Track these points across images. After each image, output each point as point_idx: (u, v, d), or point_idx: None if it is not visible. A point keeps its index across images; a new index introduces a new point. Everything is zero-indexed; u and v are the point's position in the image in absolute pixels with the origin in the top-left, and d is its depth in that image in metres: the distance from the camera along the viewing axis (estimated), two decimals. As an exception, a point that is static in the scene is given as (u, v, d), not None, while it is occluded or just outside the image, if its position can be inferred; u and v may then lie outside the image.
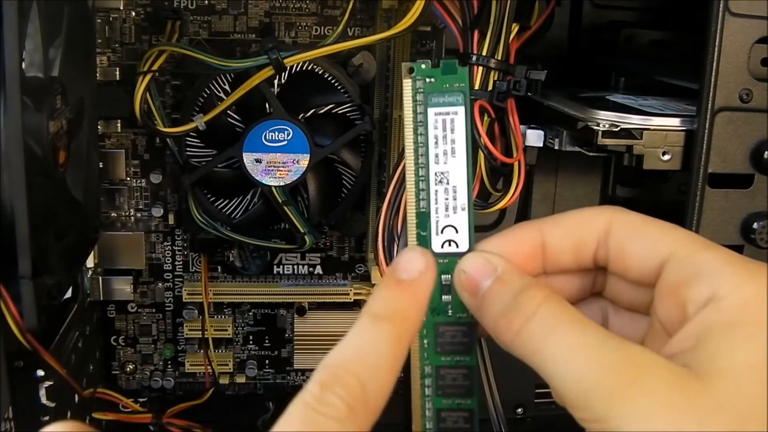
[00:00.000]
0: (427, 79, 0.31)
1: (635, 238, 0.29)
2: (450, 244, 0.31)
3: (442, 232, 0.31)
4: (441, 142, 0.31)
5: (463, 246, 0.31)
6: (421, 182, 0.31)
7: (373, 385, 0.25)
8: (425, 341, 0.31)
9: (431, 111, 0.31)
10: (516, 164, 0.51)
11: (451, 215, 0.31)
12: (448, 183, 0.31)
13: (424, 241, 0.31)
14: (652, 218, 0.29)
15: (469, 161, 0.31)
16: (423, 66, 0.31)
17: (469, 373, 0.30)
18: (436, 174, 0.31)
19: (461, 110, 0.31)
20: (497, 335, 0.28)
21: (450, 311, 0.31)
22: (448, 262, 0.31)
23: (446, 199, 0.31)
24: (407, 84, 0.31)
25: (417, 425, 0.31)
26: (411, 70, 0.31)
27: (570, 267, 0.31)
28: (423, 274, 0.28)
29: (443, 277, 0.31)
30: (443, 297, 0.31)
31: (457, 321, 0.31)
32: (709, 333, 0.25)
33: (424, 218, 0.31)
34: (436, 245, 0.31)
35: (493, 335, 0.28)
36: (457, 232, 0.31)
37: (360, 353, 0.26)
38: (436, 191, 0.31)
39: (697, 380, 0.24)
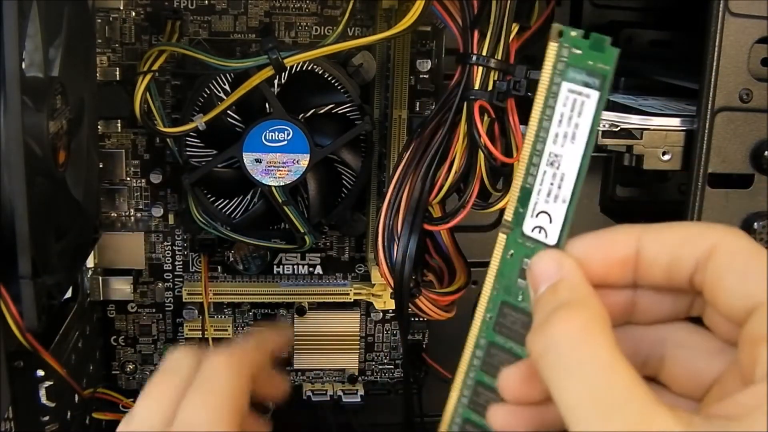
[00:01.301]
0: (574, 50, 0.28)
1: (734, 271, 0.26)
2: (540, 231, 0.29)
3: (537, 216, 0.29)
4: (565, 123, 0.28)
5: (552, 239, 0.29)
6: (535, 156, 0.29)
7: None
8: (488, 315, 0.30)
9: (566, 85, 0.28)
10: (516, 164, 0.51)
11: (550, 202, 0.29)
12: (558, 168, 0.29)
13: (519, 218, 0.29)
14: (762, 251, 0.26)
15: (587, 152, 0.28)
16: (573, 33, 0.28)
17: (516, 361, 0.29)
18: (550, 154, 0.29)
19: (595, 95, 0.28)
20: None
21: (520, 297, 0.30)
22: (533, 248, 0.29)
23: (551, 184, 0.29)
24: (552, 48, 0.29)
25: (456, 389, 0.31)
26: (560, 34, 0.28)
27: (661, 284, 0.28)
28: None
29: (525, 260, 0.29)
30: (519, 280, 0.30)
31: (522, 309, 0.30)
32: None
33: (526, 195, 0.29)
34: (528, 227, 0.29)
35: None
36: (550, 222, 0.29)
37: None
38: (545, 172, 0.29)
39: None
